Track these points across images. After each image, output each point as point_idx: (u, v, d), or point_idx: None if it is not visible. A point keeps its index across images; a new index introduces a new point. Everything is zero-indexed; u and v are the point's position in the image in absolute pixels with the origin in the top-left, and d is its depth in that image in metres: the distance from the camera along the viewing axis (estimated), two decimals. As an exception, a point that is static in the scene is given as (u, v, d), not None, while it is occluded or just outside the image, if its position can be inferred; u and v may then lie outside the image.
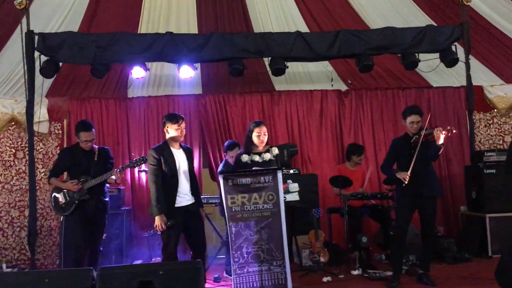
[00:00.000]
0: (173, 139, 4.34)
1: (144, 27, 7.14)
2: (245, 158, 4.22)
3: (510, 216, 5.50)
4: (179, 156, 4.33)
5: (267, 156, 4.20)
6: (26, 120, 5.95)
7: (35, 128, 6.10)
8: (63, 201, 4.63)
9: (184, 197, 4.24)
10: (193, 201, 4.28)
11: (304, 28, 7.14)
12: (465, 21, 6.54)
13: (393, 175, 4.59)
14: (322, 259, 5.08)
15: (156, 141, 6.64)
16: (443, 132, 4.28)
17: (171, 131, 4.32)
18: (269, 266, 3.61)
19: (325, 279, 4.72)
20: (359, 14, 7.36)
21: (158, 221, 4.04)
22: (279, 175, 3.73)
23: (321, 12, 7.43)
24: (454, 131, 4.37)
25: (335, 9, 7.42)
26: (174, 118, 4.37)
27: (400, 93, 7.12)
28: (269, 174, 3.73)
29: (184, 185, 4.21)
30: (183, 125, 4.40)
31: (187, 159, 4.39)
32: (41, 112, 6.34)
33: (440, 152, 4.46)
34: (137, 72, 6.08)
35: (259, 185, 3.70)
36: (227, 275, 5.08)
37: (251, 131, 4.33)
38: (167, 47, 6.15)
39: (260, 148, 4.30)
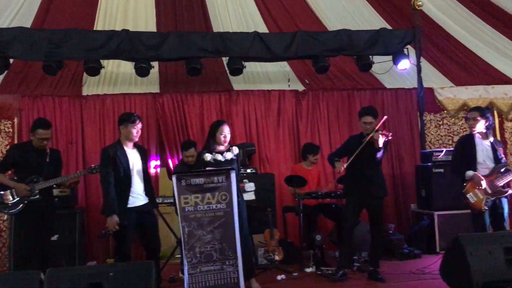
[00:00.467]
0: (128, 138, 4.30)
1: (101, 24, 7.01)
2: (208, 157, 4.23)
3: (457, 213, 5.73)
4: (133, 156, 4.29)
5: (229, 155, 4.23)
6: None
7: (-16, 126, 5.92)
8: (11, 199, 4.39)
9: (137, 197, 4.21)
10: (147, 201, 4.26)
11: (263, 28, 7.20)
12: (417, 25, 6.78)
13: (332, 162, 4.70)
14: (276, 258, 5.16)
15: (112, 140, 6.48)
16: (381, 136, 4.41)
17: (127, 130, 4.28)
18: (222, 266, 3.63)
19: (279, 277, 4.79)
20: (317, 15, 7.49)
21: (110, 221, 4.00)
22: (233, 175, 3.76)
23: (281, 12, 7.51)
24: (390, 137, 4.52)
25: (294, 10, 7.53)
26: (130, 118, 4.35)
27: (355, 94, 7.29)
28: (222, 174, 3.75)
29: (137, 185, 4.19)
30: (139, 125, 4.38)
31: (141, 159, 4.36)
32: (-11, 110, 6.13)
33: (379, 155, 4.59)
34: (92, 71, 5.95)
35: (212, 185, 3.72)
36: (182, 275, 5.06)
37: (216, 130, 4.34)
38: (123, 45, 6.07)
39: (222, 147, 4.32)
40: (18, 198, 4.39)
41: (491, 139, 4.48)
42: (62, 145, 6.43)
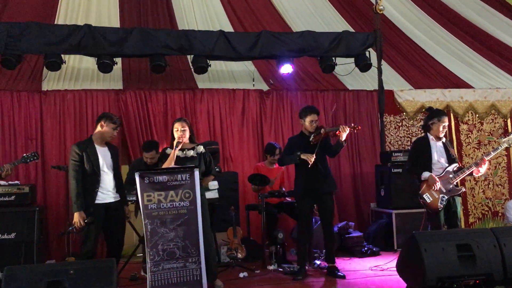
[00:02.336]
0: (103, 136, 4.29)
1: (62, 19, 6.88)
2: (169, 151, 4.24)
3: (413, 212, 5.92)
4: (103, 153, 4.27)
5: (190, 152, 4.23)
6: None
7: None
8: None
9: (107, 193, 4.21)
10: (118, 198, 4.27)
11: (229, 28, 7.23)
12: (378, 28, 6.97)
13: (294, 159, 4.73)
14: (239, 255, 5.20)
15: (73, 137, 6.40)
16: (347, 129, 4.53)
17: (106, 129, 4.26)
18: (185, 263, 3.64)
19: (241, 275, 4.83)
20: (282, 17, 7.59)
21: (76, 217, 4.00)
22: (196, 173, 3.77)
23: (246, 12, 7.57)
24: (359, 127, 4.62)
25: (259, 10, 7.59)
26: (114, 119, 4.34)
27: (318, 95, 7.40)
28: (186, 172, 3.75)
29: (107, 182, 4.18)
30: (117, 129, 4.35)
31: (112, 157, 4.34)
32: None
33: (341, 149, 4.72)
34: (52, 65, 5.81)
35: (176, 183, 3.72)
36: (144, 273, 5.03)
37: (172, 128, 4.34)
38: (85, 40, 5.97)
39: (185, 144, 4.31)
40: None
41: (443, 139, 4.66)
42: (21, 141, 6.26)
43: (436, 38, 7.70)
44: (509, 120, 7.81)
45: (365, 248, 5.75)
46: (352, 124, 4.67)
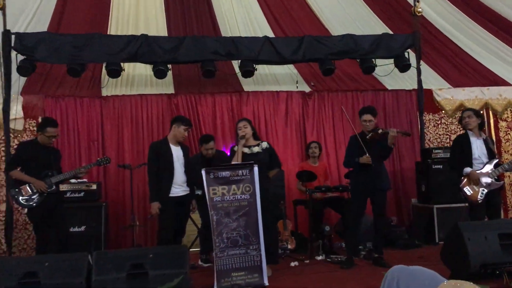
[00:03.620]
0: (176, 137, 4.82)
1: (114, 29, 7.38)
2: (236, 149, 4.71)
3: (454, 207, 6.15)
4: (177, 152, 4.79)
5: (256, 149, 4.68)
6: (2, 117, 6.15)
7: (11, 125, 6.28)
8: (30, 193, 4.66)
9: (179, 188, 4.73)
10: (188, 192, 4.80)
11: (269, 32, 7.60)
12: (417, 30, 7.20)
13: (356, 163, 5.05)
14: (289, 246, 5.58)
15: (129, 138, 6.94)
16: (396, 134, 4.84)
17: (178, 130, 4.80)
18: (246, 250, 4.03)
19: (292, 264, 5.19)
20: (321, 21, 7.89)
21: (152, 207, 4.57)
22: (255, 168, 4.16)
23: (285, 17, 7.90)
24: (410, 134, 4.96)
25: (298, 15, 7.92)
26: (185, 121, 4.89)
27: (358, 95, 7.69)
28: (246, 168, 4.16)
29: (179, 177, 4.68)
30: (188, 130, 4.92)
31: (184, 155, 4.85)
32: (16, 110, 6.47)
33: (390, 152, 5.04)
34: (112, 72, 6.32)
35: (237, 178, 4.12)
36: (202, 263, 5.47)
37: (236, 127, 4.83)
38: (142, 49, 6.46)
39: (250, 141, 4.75)
40: (36, 192, 4.71)
41: (484, 136, 4.92)
42: (84, 143, 6.82)
43: (473, 36, 7.81)
44: (549, 117, 7.90)
45: (407, 241, 6.01)
46: (404, 131, 5.05)
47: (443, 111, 7.81)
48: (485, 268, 3.95)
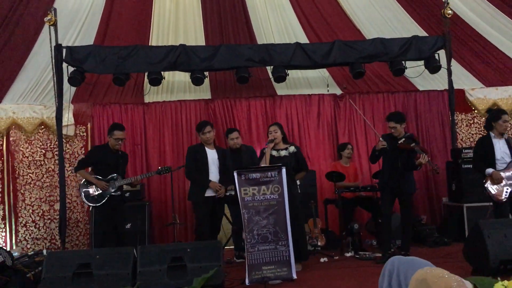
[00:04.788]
0: (204, 142, 5.26)
1: (155, 40, 7.84)
2: (266, 151, 5.06)
3: (484, 205, 6.22)
4: (211, 155, 5.21)
5: (283, 152, 5.02)
6: (56, 124, 6.72)
7: (63, 131, 6.86)
8: (95, 193, 5.25)
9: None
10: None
11: (303, 38, 7.86)
12: (447, 31, 7.30)
13: (375, 155, 5.35)
14: (319, 243, 5.87)
15: (170, 142, 7.41)
16: (424, 161, 5.01)
17: (200, 137, 5.32)
18: (276, 246, 4.37)
19: (322, 260, 5.49)
20: (355, 24, 8.06)
21: (212, 186, 5.10)
22: (283, 170, 4.49)
23: (319, 21, 8.11)
24: (438, 172, 5.25)
25: (332, 19, 8.12)
26: (198, 127, 5.38)
27: (389, 97, 7.87)
28: (275, 170, 4.49)
29: (214, 178, 5.09)
30: (206, 130, 5.30)
31: (219, 158, 5.29)
32: (68, 117, 7.05)
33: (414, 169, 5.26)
34: (154, 81, 6.80)
35: (266, 179, 4.46)
36: (236, 259, 5.84)
37: (268, 130, 5.23)
38: (180, 58, 6.89)
39: (280, 145, 5.10)
40: (100, 193, 5.24)
41: (505, 136, 5.04)
42: (129, 147, 7.33)
43: (509, 34, 7.78)
44: None
45: (437, 239, 6.17)
46: (435, 166, 5.28)
47: (475, 111, 7.87)
48: (504, 265, 4.12)
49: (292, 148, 5.10)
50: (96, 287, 3.83)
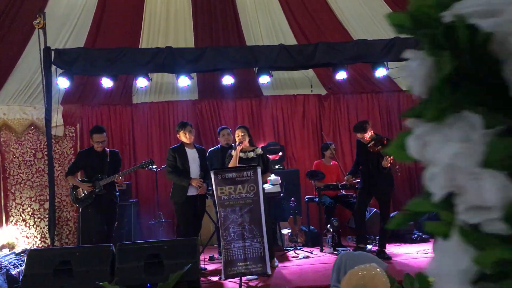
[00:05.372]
0: (185, 142, 5.36)
1: (145, 40, 8.00)
2: (233, 153, 5.21)
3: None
4: (192, 154, 5.33)
5: (251, 154, 5.16)
6: (45, 125, 6.88)
7: (52, 132, 7.02)
8: (83, 195, 5.47)
9: (194, 187, 5.27)
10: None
11: (291, 39, 8.02)
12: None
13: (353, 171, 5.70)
14: (299, 240, 6.03)
15: (158, 141, 7.58)
16: (388, 163, 5.28)
17: (181, 136, 5.39)
18: (251, 243, 4.53)
19: (301, 256, 5.66)
20: (343, 25, 8.20)
21: (193, 182, 5.19)
22: (259, 170, 4.65)
23: (308, 22, 8.26)
24: (398, 174, 5.45)
25: (321, 20, 8.25)
26: (180, 125, 5.49)
27: (373, 97, 8.03)
28: (250, 170, 4.65)
29: (195, 177, 5.22)
30: (187, 130, 5.43)
31: (199, 157, 5.40)
32: (57, 118, 7.21)
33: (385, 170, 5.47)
34: (141, 82, 6.97)
35: (242, 179, 4.62)
36: (219, 256, 6.00)
37: (234, 133, 5.33)
38: (167, 60, 7.03)
39: (246, 147, 5.26)
40: (87, 193, 5.40)
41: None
42: (118, 146, 7.48)
43: None
44: None
45: (415, 235, 6.33)
46: (396, 167, 5.50)
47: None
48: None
49: (258, 150, 5.27)
50: (75, 283, 3.99)
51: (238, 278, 4.43)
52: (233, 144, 5.38)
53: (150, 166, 5.63)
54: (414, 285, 0.95)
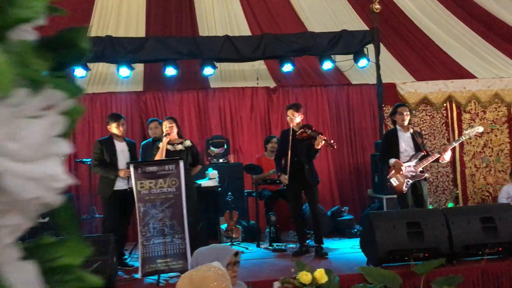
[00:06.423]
0: (115, 134, 5.15)
1: (94, 31, 7.69)
2: (160, 145, 5.04)
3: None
4: (121, 147, 5.14)
5: (179, 146, 5.00)
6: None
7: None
8: None
9: (123, 181, 5.06)
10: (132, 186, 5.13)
11: (246, 31, 7.85)
12: (375, 26, 7.38)
13: (276, 173, 5.44)
14: (234, 235, 5.91)
15: (100, 134, 7.30)
16: (322, 142, 5.04)
17: (112, 128, 5.16)
18: (172, 239, 4.38)
19: (235, 252, 5.53)
20: (299, 17, 8.07)
21: (120, 173, 4.99)
22: (181, 164, 4.49)
23: (264, 14, 8.08)
24: (335, 147, 5.14)
25: (277, 11, 8.08)
26: (113, 117, 5.23)
27: (322, 90, 7.94)
28: (172, 163, 4.49)
29: None
30: (121, 122, 5.21)
31: (129, 150, 5.20)
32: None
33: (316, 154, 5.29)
34: (78, 72, 6.71)
35: (164, 172, 4.45)
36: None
37: (161, 125, 5.15)
38: (107, 49, 6.81)
39: (174, 139, 5.09)
40: None
41: (411, 130, 5.15)
42: (56, 139, 7.23)
43: (447, 28, 7.83)
44: (513, 108, 8.02)
45: (355, 230, 6.28)
46: (331, 141, 5.16)
47: (406, 104, 7.97)
48: (392, 255, 4.22)
49: (187, 143, 5.10)
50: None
51: (157, 275, 4.27)
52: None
53: None
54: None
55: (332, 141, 5.14)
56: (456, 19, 7.85)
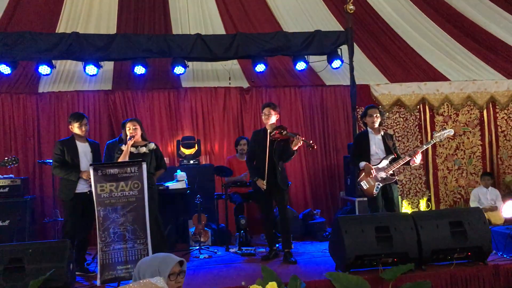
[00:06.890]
0: (77, 134, 4.93)
1: (63, 27, 7.41)
2: (124, 147, 4.84)
3: (373, 200, 6.30)
4: (83, 148, 4.93)
5: (143, 149, 4.82)
6: None
7: None
8: None
9: (85, 184, 4.83)
10: None
11: (220, 30, 7.68)
12: (349, 27, 7.31)
13: (251, 177, 5.26)
14: (202, 239, 5.74)
15: (66, 134, 7.05)
16: (300, 142, 4.89)
17: (74, 128, 4.95)
18: (133, 244, 4.20)
19: (202, 256, 5.37)
20: (275, 16, 7.93)
21: (83, 175, 4.78)
22: (144, 166, 4.32)
23: (240, 13, 7.89)
24: (315, 147, 4.97)
25: (253, 11, 7.91)
26: (75, 117, 5.01)
27: (296, 91, 7.84)
28: (135, 165, 4.31)
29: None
30: (83, 122, 4.99)
31: (92, 151, 4.97)
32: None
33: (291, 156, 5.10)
34: (43, 69, 6.46)
35: (126, 175, 4.27)
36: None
37: (125, 126, 4.94)
38: (73, 46, 6.57)
39: (139, 141, 4.90)
40: None
41: (382, 133, 5.08)
42: (20, 139, 6.96)
43: (421, 30, 7.80)
44: (485, 111, 8.04)
45: (327, 233, 6.19)
46: (311, 142, 4.98)
47: (380, 106, 7.94)
48: (361, 259, 4.13)
49: (151, 145, 4.92)
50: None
51: (116, 282, 4.09)
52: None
53: (13, 165, 5.15)
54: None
55: (311, 142, 4.99)
56: (431, 21, 7.84)
